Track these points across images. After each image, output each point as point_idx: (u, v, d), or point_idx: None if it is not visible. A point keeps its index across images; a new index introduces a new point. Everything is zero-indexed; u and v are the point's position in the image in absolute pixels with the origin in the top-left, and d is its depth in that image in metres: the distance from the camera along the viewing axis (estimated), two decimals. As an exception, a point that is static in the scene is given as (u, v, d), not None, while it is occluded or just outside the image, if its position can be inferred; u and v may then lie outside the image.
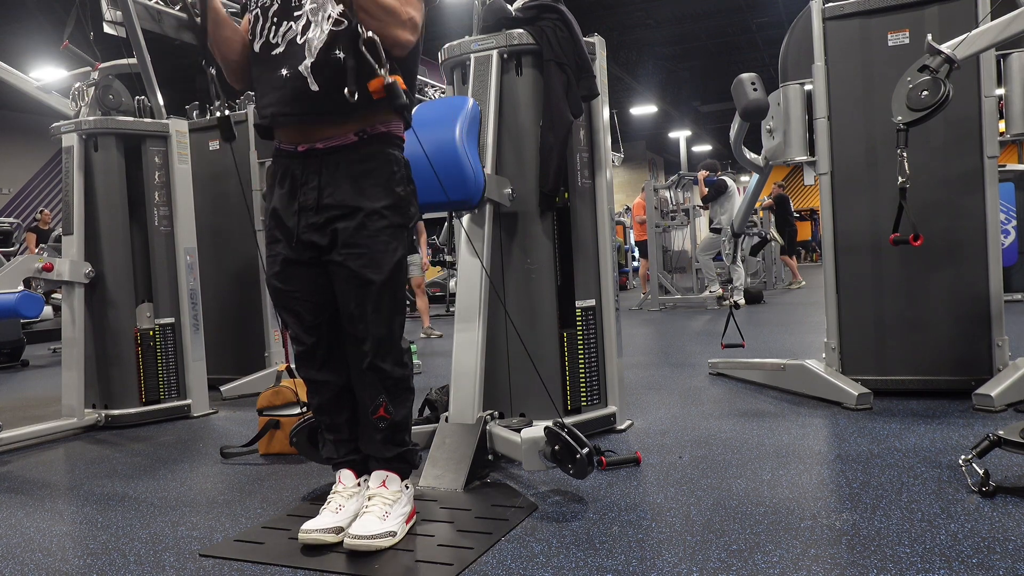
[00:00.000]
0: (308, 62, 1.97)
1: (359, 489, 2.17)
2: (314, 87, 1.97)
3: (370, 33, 1.87)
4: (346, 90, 1.91)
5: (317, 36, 1.97)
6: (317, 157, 2.04)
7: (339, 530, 2.04)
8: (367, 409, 2.11)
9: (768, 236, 10.69)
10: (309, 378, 2.18)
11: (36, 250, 9.56)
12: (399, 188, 2.06)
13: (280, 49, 2.01)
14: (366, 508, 2.06)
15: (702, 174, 9.35)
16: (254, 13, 2.07)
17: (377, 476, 2.12)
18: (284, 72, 2.00)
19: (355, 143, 2.03)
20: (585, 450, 2.19)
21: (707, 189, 9.09)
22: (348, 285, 2.03)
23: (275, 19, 2.03)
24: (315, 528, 2.03)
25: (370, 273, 2.01)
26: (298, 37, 1.99)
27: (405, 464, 2.17)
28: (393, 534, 2.02)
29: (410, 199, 2.11)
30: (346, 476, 2.18)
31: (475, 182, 2.64)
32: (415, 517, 2.17)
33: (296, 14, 2.00)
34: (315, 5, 1.98)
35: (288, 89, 2.00)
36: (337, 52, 1.96)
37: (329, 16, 1.96)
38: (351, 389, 2.17)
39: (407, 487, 2.15)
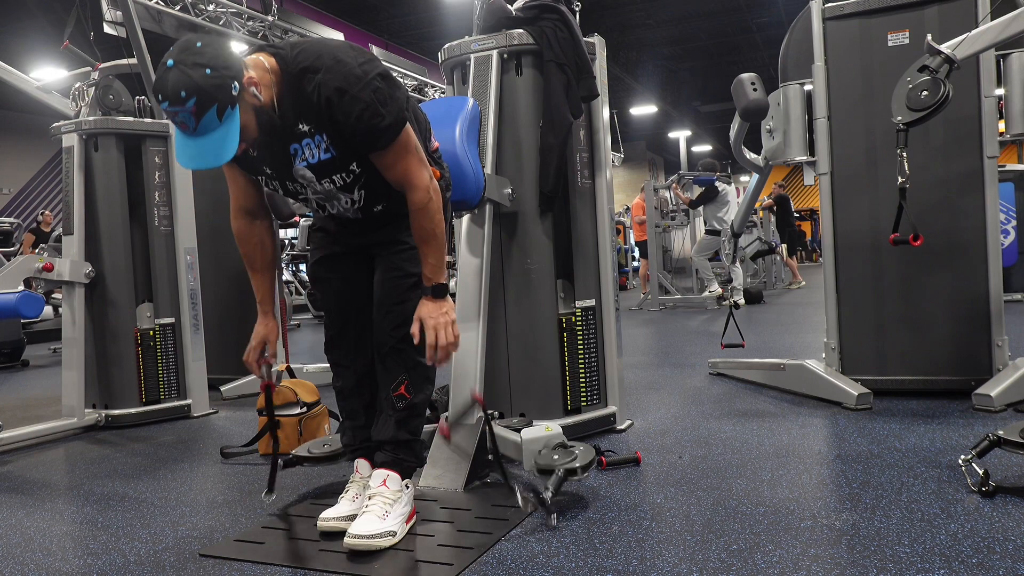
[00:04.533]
0: (349, 207, 2.12)
1: None
2: (357, 216, 2.15)
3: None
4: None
5: (345, 204, 2.11)
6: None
7: (355, 517, 2.09)
8: (387, 388, 2.15)
9: (775, 246, 10.74)
10: (334, 361, 2.28)
11: (36, 251, 9.54)
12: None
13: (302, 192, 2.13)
14: (366, 507, 2.07)
15: (675, 187, 9.55)
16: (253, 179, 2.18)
17: (378, 475, 2.12)
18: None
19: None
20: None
21: (687, 195, 9.29)
22: (389, 274, 2.13)
23: (276, 186, 2.12)
24: (333, 516, 2.11)
25: (411, 267, 2.10)
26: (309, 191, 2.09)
27: (411, 455, 2.19)
28: (393, 534, 2.02)
29: (445, 203, 2.21)
30: (362, 466, 2.23)
31: (475, 182, 2.64)
32: (415, 517, 2.17)
33: (300, 197, 2.12)
34: (320, 196, 2.09)
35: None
36: (358, 193, 2.09)
37: (346, 202, 2.09)
38: (373, 376, 2.23)
39: (407, 486, 2.15)
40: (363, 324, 2.23)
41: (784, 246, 11.88)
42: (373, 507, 2.05)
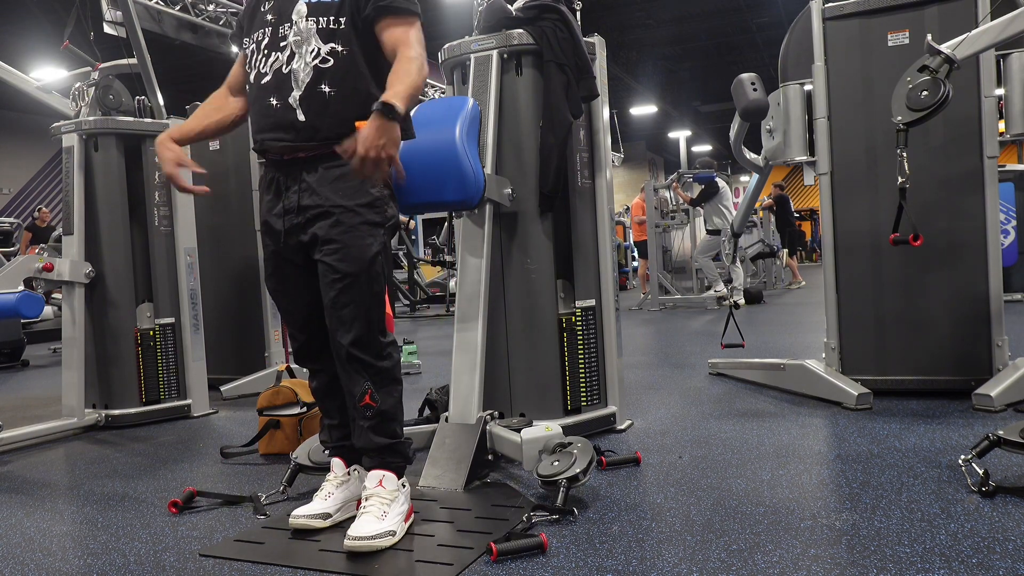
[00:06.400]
0: (296, 94, 2.10)
1: (348, 478, 2.24)
2: (301, 118, 2.09)
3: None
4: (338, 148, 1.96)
5: (302, 68, 2.10)
6: (298, 164, 2.15)
7: (326, 516, 2.16)
8: (354, 400, 2.14)
9: (776, 249, 10.79)
10: (307, 367, 2.34)
11: (35, 248, 9.53)
12: (375, 189, 2.13)
13: (268, 78, 2.14)
14: (364, 508, 2.07)
15: (675, 186, 9.59)
16: (250, 49, 2.21)
17: (374, 476, 2.12)
18: (274, 102, 2.12)
19: (333, 151, 2.08)
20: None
21: (688, 194, 9.27)
22: (326, 279, 2.12)
23: (265, 51, 2.15)
24: (303, 514, 2.15)
25: (345, 266, 2.08)
26: (283, 67, 2.11)
27: (398, 456, 2.18)
28: (393, 533, 2.02)
29: (387, 200, 2.18)
30: (336, 464, 2.26)
31: (475, 182, 2.64)
32: (413, 516, 2.17)
33: (282, 45, 2.12)
34: (298, 38, 2.10)
35: (278, 118, 2.12)
36: (323, 87, 2.08)
37: (313, 51, 2.09)
38: None
39: (404, 485, 2.16)
40: (325, 331, 2.21)
41: (785, 251, 11.91)
42: (371, 508, 2.06)
